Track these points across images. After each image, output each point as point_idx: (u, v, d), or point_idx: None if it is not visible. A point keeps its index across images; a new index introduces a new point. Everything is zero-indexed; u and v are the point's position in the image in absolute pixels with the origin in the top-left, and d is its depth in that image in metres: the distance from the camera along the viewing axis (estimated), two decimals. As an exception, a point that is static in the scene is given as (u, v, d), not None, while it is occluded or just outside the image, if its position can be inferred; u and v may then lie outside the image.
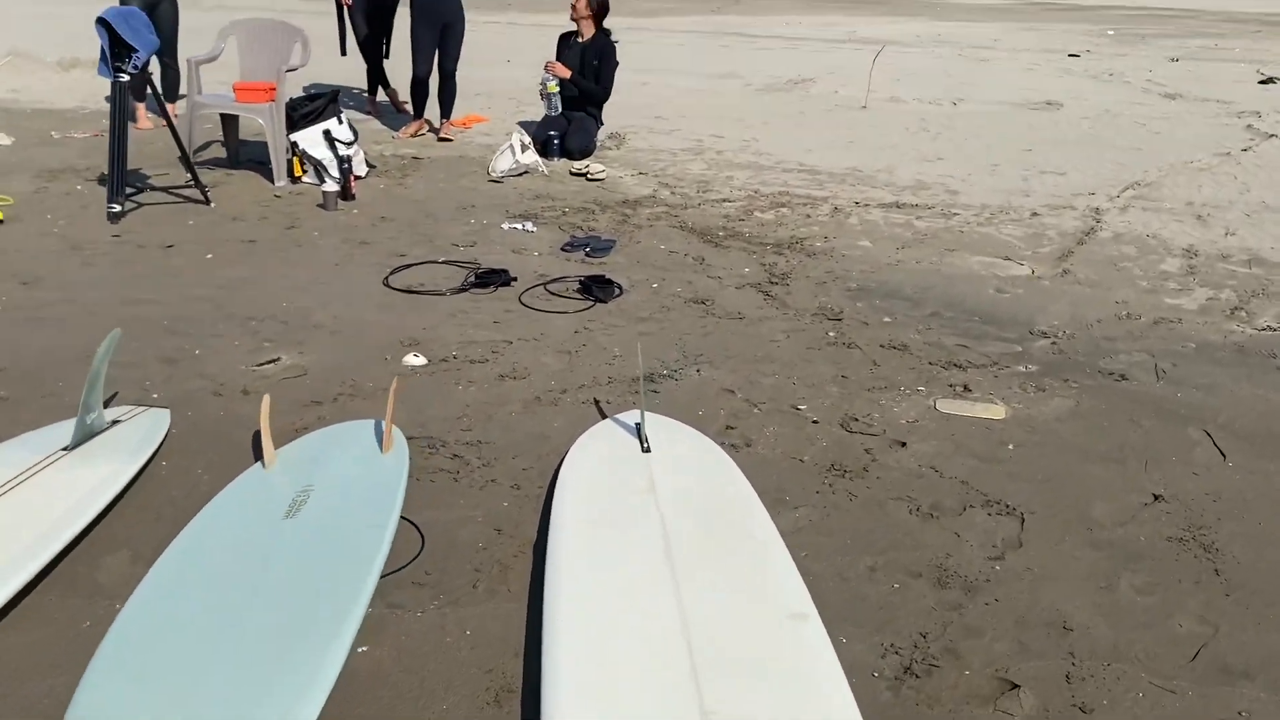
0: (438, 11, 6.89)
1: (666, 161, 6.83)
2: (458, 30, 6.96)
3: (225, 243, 4.90)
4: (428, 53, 6.97)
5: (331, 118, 6.00)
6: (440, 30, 6.92)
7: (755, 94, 9.70)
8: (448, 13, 6.90)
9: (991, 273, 4.80)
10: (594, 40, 6.89)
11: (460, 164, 6.60)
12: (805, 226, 5.45)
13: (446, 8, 6.89)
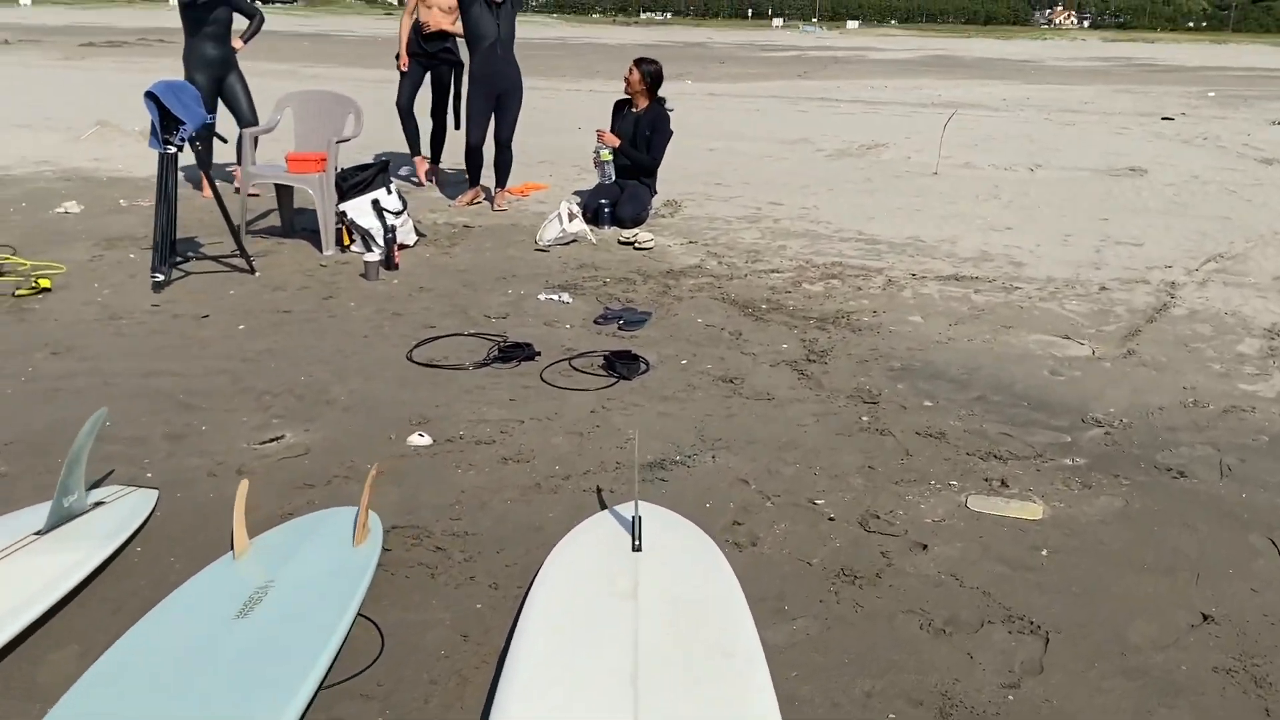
0: (493, 80, 6.89)
1: (719, 230, 6.68)
2: (514, 99, 6.96)
3: (260, 313, 4.89)
4: (481, 121, 6.97)
5: (380, 188, 6.01)
6: (496, 99, 6.93)
7: (824, 159, 9.53)
8: (503, 81, 6.90)
9: (1048, 352, 4.49)
10: (647, 111, 6.81)
11: (510, 233, 6.55)
12: (854, 300, 5.22)
13: (502, 76, 6.89)
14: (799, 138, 10.91)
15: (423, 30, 7.56)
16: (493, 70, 6.87)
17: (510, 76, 6.90)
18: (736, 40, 59.97)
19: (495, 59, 6.85)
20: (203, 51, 6.88)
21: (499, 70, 6.88)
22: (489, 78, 6.89)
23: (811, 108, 14.98)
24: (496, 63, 6.85)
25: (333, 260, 5.82)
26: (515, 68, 6.90)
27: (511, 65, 6.87)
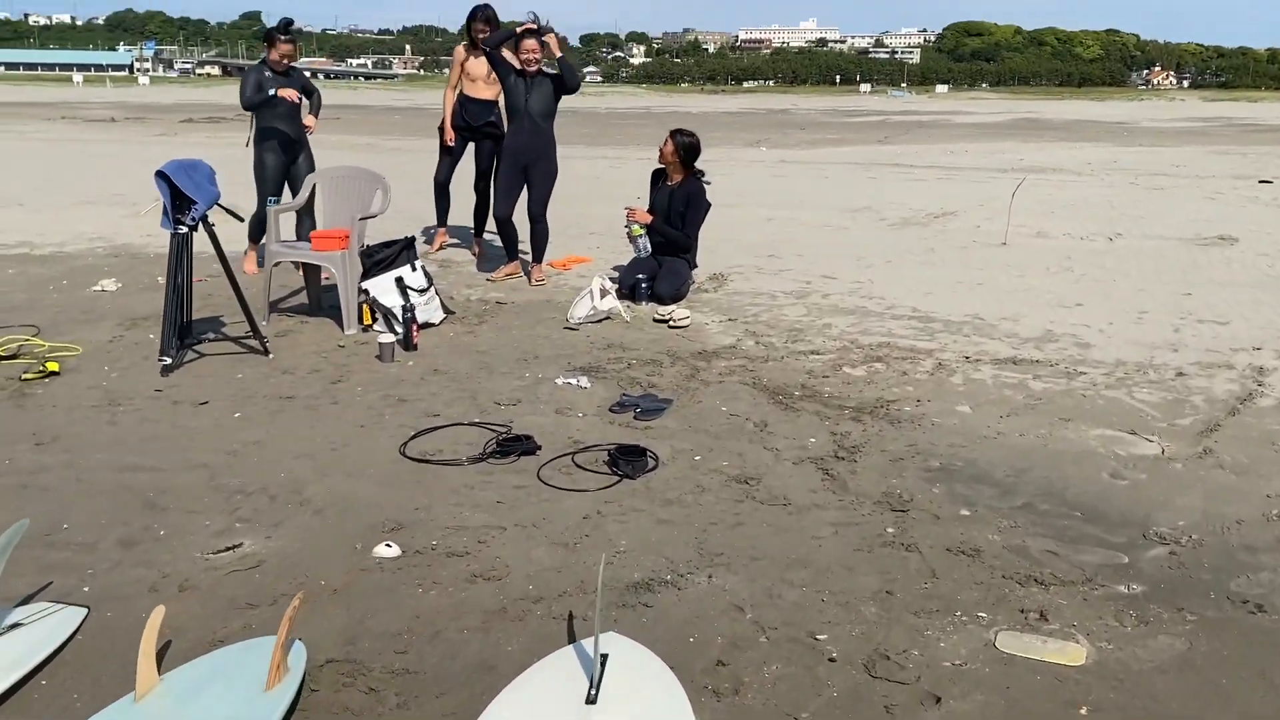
0: (521, 152, 6.73)
1: (763, 306, 6.30)
2: (542, 172, 6.75)
3: (261, 399, 4.66)
4: (508, 194, 6.79)
5: (405, 265, 5.80)
6: (524, 172, 6.73)
7: (887, 229, 9.11)
8: (531, 151, 6.70)
9: (1111, 450, 3.99)
10: (683, 184, 6.52)
11: (542, 309, 6.27)
12: (898, 386, 4.78)
13: (529, 148, 6.70)
14: (864, 206, 10.51)
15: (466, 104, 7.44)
16: (520, 142, 6.71)
17: (537, 148, 6.69)
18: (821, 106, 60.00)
19: (523, 131, 6.68)
20: (274, 132, 6.76)
21: (526, 142, 6.69)
22: (516, 150, 6.72)
23: (883, 174, 14.57)
24: (523, 134, 6.68)
25: (352, 340, 5.60)
26: (545, 139, 6.70)
27: (540, 137, 6.67)
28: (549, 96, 6.63)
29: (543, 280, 6.94)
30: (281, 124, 6.75)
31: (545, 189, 6.77)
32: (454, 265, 7.60)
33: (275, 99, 6.54)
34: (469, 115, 7.50)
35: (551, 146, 6.75)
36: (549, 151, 6.73)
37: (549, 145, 6.73)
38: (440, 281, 7.01)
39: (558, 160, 6.84)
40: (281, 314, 6.13)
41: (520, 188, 6.79)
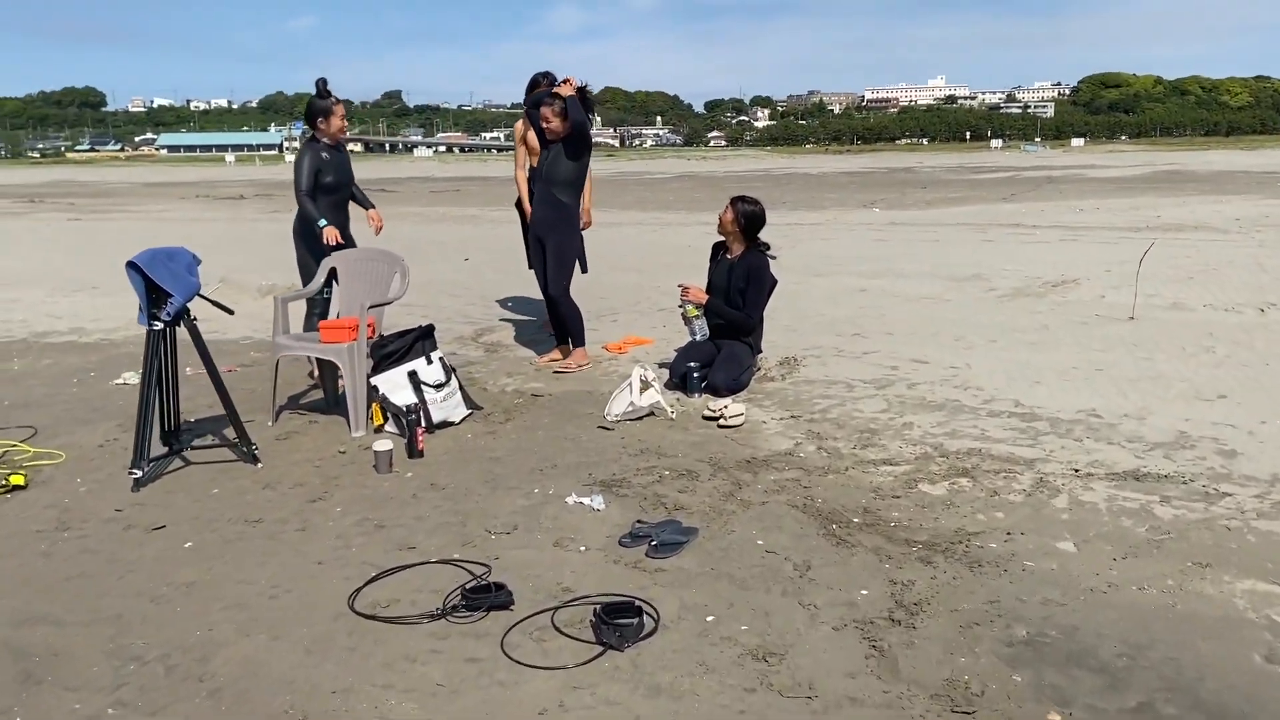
0: (537, 223, 6.19)
1: (834, 399, 5.41)
2: (554, 245, 6.12)
3: (225, 523, 4.02)
4: (540, 270, 6.23)
5: (419, 357, 5.15)
6: (541, 247, 6.15)
7: (995, 301, 8.08)
8: (543, 224, 6.14)
9: (1265, 615, 2.98)
10: (743, 258, 5.73)
11: (580, 403, 5.53)
12: (985, 512, 3.83)
13: (543, 219, 6.14)
14: (973, 273, 9.48)
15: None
16: (536, 215, 6.19)
17: (548, 221, 6.09)
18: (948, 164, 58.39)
19: (537, 201, 6.16)
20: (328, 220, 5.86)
21: (539, 215, 6.15)
22: (534, 222, 6.22)
23: (1001, 235, 13.43)
24: (537, 206, 6.16)
25: (357, 445, 4.95)
26: (558, 211, 6.07)
27: (552, 208, 6.06)
28: (568, 161, 5.99)
29: (568, 369, 6.20)
30: (330, 213, 5.90)
31: (556, 266, 6.12)
32: (502, 349, 6.95)
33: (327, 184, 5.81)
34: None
35: (566, 219, 6.11)
36: (561, 225, 6.09)
37: (562, 218, 6.08)
38: (482, 368, 6.37)
39: (575, 232, 6.19)
40: (295, 411, 5.55)
41: (543, 260, 6.17)
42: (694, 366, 5.52)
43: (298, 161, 5.82)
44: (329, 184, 5.83)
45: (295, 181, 5.78)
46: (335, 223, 5.86)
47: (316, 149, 5.83)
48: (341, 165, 5.94)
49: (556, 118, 5.92)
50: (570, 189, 6.06)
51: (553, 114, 5.91)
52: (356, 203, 6.13)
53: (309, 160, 5.79)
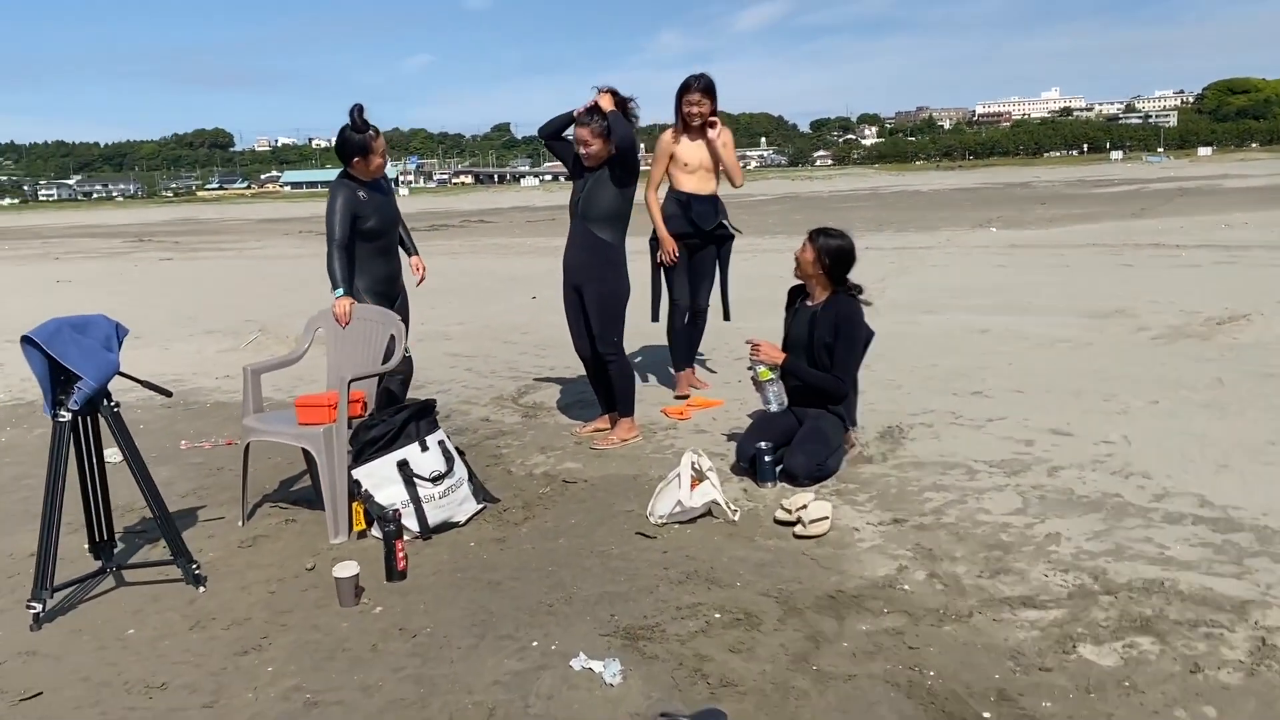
0: (570, 267, 5.08)
1: (952, 491, 4.13)
2: (595, 294, 4.99)
3: (117, 691, 2.98)
4: (576, 325, 5.13)
5: (410, 443, 4.06)
6: (579, 296, 5.03)
7: (1148, 345, 6.64)
8: (579, 268, 5.02)
9: None
10: (828, 305, 4.52)
11: (621, 493, 4.37)
12: (1185, 703, 2.53)
13: (577, 261, 5.04)
14: (1116, 308, 8.00)
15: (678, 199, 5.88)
16: (568, 258, 5.09)
17: (585, 264, 4.98)
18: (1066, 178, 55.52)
19: (570, 241, 5.08)
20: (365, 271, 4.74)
21: (571, 257, 5.07)
22: (566, 266, 5.11)
23: (1141, 259, 11.79)
24: (571, 246, 5.06)
25: (333, 554, 3.89)
26: (596, 251, 4.95)
27: (589, 248, 4.95)
28: (609, 190, 4.88)
29: (610, 444, 5.04)
30: (375, 261, 4.76)
31: (603, 320, 4.97)
32: (542, 413, 5.83)
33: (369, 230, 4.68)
34: (696, 216, 5.83)
35: (607, 260, 4.96)
36: (603, 268, 4.95)
37: (603, 259, 4.95)
38: (513, 441, 5.27)
39: (622, 277, 5.02)
40: (277, 504, 4.53)
41: (582, 314, 5.06)
42: (764, 448, 4.31)
43: (329, 206, 4.64)
44: (371, 229, 4.69)
45: (327, 230, 4.62)
46: (383, 274, 4.79)
47: (351, 188, 4.66)
48: (384, 206, 4.78)
49: (598, 139, 4.82)
50: (613, 225, 4.94)
51: (592, 134, 4.81)
52: (402, 248, 5.07)
53: (342, 203, 4.60)
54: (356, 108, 4.66)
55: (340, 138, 4.68)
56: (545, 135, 5.04)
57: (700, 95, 5.66)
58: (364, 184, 4.73)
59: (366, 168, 4.69)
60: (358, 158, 4.65)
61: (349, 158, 4.68)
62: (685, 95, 5.67)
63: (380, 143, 4.70)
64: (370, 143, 4.65)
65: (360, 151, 4.64)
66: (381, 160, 4.73)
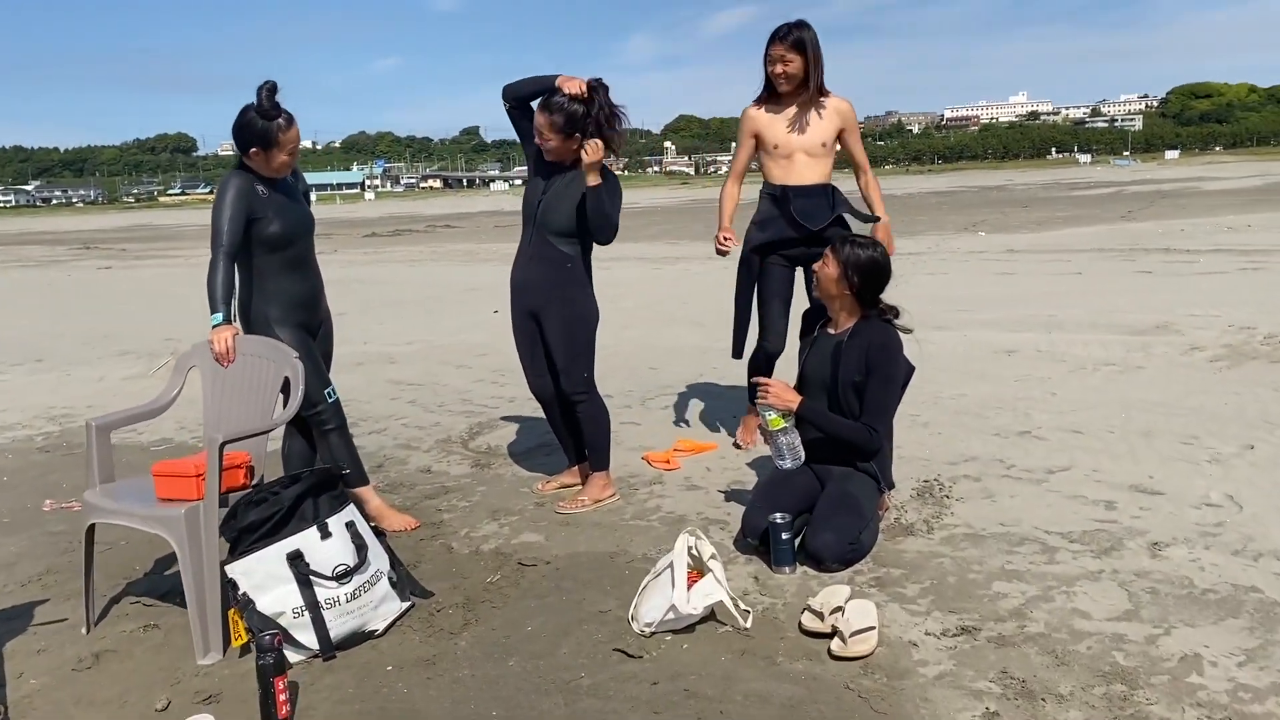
0: (524, 286, 4.02)
1: (1030, 579, 3.11)
2: (556, 318, 3.93)
3: None
4: (530, 358, 4.09)
5: (307, 527, 3.00)
6: (533, 319, 4.00)
7: (1210, 369, 5.68)
8: (535, 289, 3.97)
9: None
10: (858, 334, 3.51)
11: (597, 578, 3.33)
12: None
13: (534, 280, 3.97)
14: (1154, 323, 7.06)
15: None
16: (519, 276, 4.03)
17: (542, 283, 3.94)
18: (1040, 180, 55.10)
19: (522, 254, 4.02)
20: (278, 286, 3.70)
21: (524, 275, 4.00)
22: (517, 286, 4.04)
23: (1155, 264, 10.90)
24: (523, 261, 4.01)
25: (198, 684, 2.83)
26: (555, 268, 3.91)
27: (547, 265, 3.92)
28: (575, 198, 3.84)
29: (580, 506, 4.00)
30: (285, 278, 3.69)
31: (569, 351, 3.94)
32: (497, 463, 4.77)
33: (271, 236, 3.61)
34: (798, 213, 4.31)
35: (572, 278, 3.93)
36: (567, 287, 3.92)
37: (567, 277, 3.91)
38: (458, 502, 4.21)
39: (590, 297, 4.00)
40: (138, 601, 3.45)
41: (540, 346, 4.03)
42: (781, 521, 3.28)
43: (217, 201, 3.56)
44: (274, 235, 3.61)
45: (212, 232, 3.52)
46: (299, 295, 3.73)
47: (248, 180, 3.58)
48: (289, 209, 3.70)
49: (556, 134, 3.79)
50: (571, 241, 3.91)
51: (550, 127, 3.78)
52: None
53: (234, 196, 3.52)
54: (266, 85, 3.59)
55: (240, 120, 3.59)
56: (510, 98, 3.93)
57: (787, 50, 4.17)
58: (266, 179, 3.68)
59: (266, 163, 3.61)
60: (256, 148, 3.58)
61: (246, 146, 3.61)
62: (769, 48, 4.23)
63: (291, 134, 3.62)
64: (276, 133, 3.57)
65: (261, 141, 3.57)
66: (287, 158, 3.65)
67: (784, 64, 4.17)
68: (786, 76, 4.18)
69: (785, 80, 4.19)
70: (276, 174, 3.67)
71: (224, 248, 3.50)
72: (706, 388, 6.06)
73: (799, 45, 4.15)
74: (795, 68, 4.17)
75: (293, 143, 3.66)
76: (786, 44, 4.16)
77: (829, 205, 4.31)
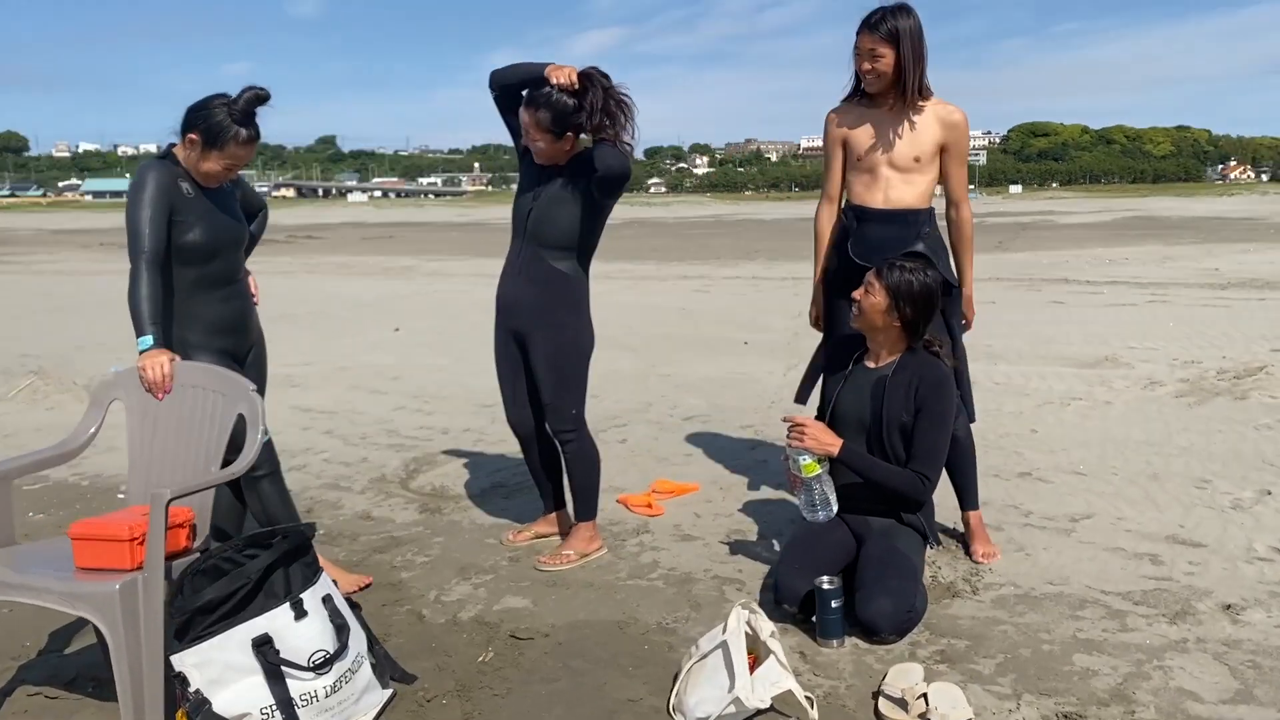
0: (509, 305, 3.49)
1: (1113, 650, 2.75)
2: (549, 347, 3.42)
3: None
4: (510, 389, 3.57)
5: (278, 604, 2.41)
6: (518, 343, 3.48)
7: (1180, 406, 5.54)
8: (525, 311, 3.43)
9: None
10: (903, 370, 3.13)
11: (611, 655, 2.82)
12: None
13: (522, 298, 3.44)
14: (1099, 355, 6.96)
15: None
16: (507, 292, 3.49)
17: (532, 303, 3.42)
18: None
19: (511, 269, 3.48)
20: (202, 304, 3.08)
21: (512, 292, 3.48)
22: (502, 304, 3.51)
23: (1063, 294, 11.01)
24: (511, 277, 3.47)
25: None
26: (547, 288, 3.41)
27: (539, 284, 3.41)
28: (573, 207, 3.35)
29: (567, 562, 3.48)
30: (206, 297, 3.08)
31: (558, 382, 3.44)
32: (449, 505, 4.18)
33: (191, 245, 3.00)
34: (861, 242, 3.49)
35: (566, 299, 3.43)
36: (560, 310, 3.42)
37: (560, 297, 3.42)
38: (416, 557, 3.62)
39: (586, 324, 3.49)
40: (43, 694, 2.75)
41: (524, 375, 3.52)
42: (830, 588, 2.84)
43: (133, 195, 2.90)
44: (194, 243, 2.99)
45: (130, 236, 2.87)
46: (223, 318, 3.12)
47: (171, 173, 2.98)
48: (215, 214, 3.08)
49: (542, 133, 3.29)
50: (577, 254, 3.41)
51: (536, 126, 3.28)
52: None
53: (155, 190, 2.90)
54: (254, 91, 2.98)
55: (201, 104, 2.99)
56: (495, 85, 3.38)
57: (878, 42, 3.32)
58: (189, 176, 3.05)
59: (196, 161, 2.99)
60: (197, 136, 2.96)
61: (188, 128, 2.97)
62: (857, 38, 3.40)
63: (242, 152, 3.01)
64: (228, 138, 2.96)
65: (207, 134, 2.95)
66: (220, 170, 3.03)
67: (873, 59, 3.34)
68: (876, 74, 3.35)
69: (875, 78, 3.37)
70: (202, 179, 3.04)
71: (145, 254, 2.85)
72: (661, 418, 5.60)
73: (892, 36, 3.29)
74: (887, 64, 3.33)
75: (237, 161, 3.05)
76: (878, 35, 3.31)
77: (909, 241, 3.37)
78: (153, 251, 2.85)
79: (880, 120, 3.45)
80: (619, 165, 3.24)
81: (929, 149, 3.43)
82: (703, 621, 2.99)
